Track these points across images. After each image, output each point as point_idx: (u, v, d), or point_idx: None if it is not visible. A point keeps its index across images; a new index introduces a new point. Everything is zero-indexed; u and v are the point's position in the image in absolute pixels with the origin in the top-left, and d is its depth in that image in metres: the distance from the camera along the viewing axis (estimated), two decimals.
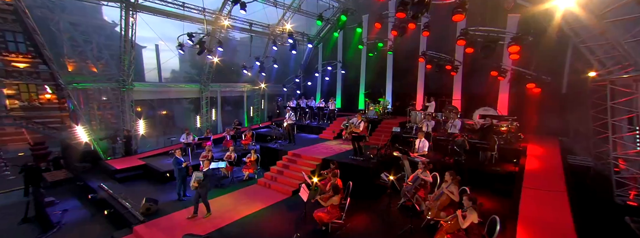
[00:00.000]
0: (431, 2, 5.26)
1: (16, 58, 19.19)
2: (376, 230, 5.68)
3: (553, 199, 5.90)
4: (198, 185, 6.60)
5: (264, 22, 14.59)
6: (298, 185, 8.59)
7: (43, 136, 19.48)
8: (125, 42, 11.20)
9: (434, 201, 5.53)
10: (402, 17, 6.79)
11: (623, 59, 7.75)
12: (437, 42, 12.82)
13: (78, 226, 7.31)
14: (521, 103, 11.62)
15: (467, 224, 4.23)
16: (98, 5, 23.27)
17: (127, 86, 11.79)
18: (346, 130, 11.41)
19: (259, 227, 6.45)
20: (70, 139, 12.01)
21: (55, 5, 18.49)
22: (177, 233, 6.09)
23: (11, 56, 19.08)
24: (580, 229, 4.81)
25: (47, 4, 16.82)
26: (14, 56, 19.16)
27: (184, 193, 8.04)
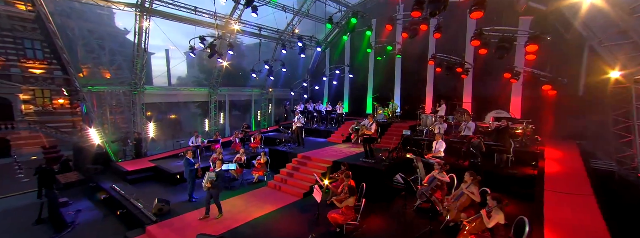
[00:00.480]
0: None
1: (33, 64, 19.89)
2: (393, 232, 5.50)
3: (580, 203, 5.66)
4: (210, 185, 6.53)
5: (273, 26, 14.73)
6: (309, 187, 8.49)
7: (55, 140, 19.90)
8: (138, 46, 11.37)
9: (454, 202, 5.35)
10: (417, 16, 6.75)
11: None
12: (446, 45, 12.73)
13: (91, 226, 7.29)
14: (535, 106, 11.39)
15: (493, 224, 4.06)
16: (111, 13, 24.14)
17: (139, 88, 11.91)
18: (357, 133, 11.36)
19: (271, 229, 6.32)
20: (83, 142, 12.14)
21: (73, 12, 19.10)
22: (189, 233, 6.02)
23: (29, 62, 19.77)
24: (615, 235, 4.57)
25: (67, 11, 17.34)
26: (31, 63, 19.85)
27: (192, 195, 7.95)
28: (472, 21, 12.59)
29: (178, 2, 11.10)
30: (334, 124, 14.99)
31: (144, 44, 11.35)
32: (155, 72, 23.31)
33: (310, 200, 7.80)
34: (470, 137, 8.19)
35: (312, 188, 8.17)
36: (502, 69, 10.96)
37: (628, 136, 9.39)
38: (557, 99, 10.60)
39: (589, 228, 4.87)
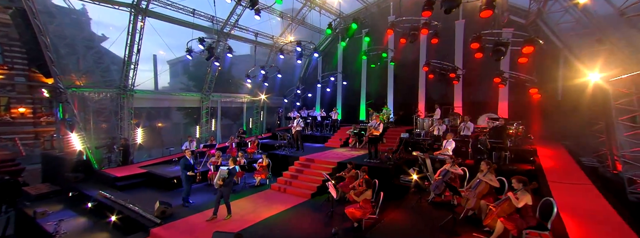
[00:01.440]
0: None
1: None
2: (415, 223, 5.45)
3: (584, 191, 5.97)
4: (222, 182, 6.21)
5: (268, 32, 14.86)
6: (316, 188, 8.32)
7: (12, 153, 17.82)
8: (130, 48, 10.98)
9: (472, 191, 5.44)
10: (428, 15, 7.12)
11: (621, 62, 8.37)
12: (437, 52, 13.42)
13: (79, 235, 6.57)
14: (521, 110, 12.11)
15: (522, 204, 4.15)
16: (87, 19, 23.14)
17: (129, 91, 11.36)
18: (360, 136, 11.45)
19: (286, 227, 6.05)
20: (58, 150, 11.17)
21: (43, 16, 18.08)
22: (199, 234, 5.63)
23: None
24: (623, 215, 4.84)
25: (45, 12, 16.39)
26: None
27: (187, 199, 7.48)
28: (460, 30, 13.48)
29: (176, 3, 10.95)
30: (329, 130, 15.01)
31: (138, 46, 10.97)
32: (139, 79, 22.31)
33: (319, 200, 7.65)
34: (475, 135, 8.47)
35: (320, 189, 8.11)
36: (490, 75, 11.71)
37: (601, 137, 10.34)
38: (541, 102, 11.38)
39: (602, 212, 5.13)
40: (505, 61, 12.12)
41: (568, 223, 4.71)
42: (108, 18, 20.45)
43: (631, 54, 7.97)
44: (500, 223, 4.35)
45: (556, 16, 9.37)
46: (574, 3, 8.76)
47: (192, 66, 27.11)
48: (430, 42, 13.69)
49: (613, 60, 8.61)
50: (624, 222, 4.71)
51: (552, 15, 9.39)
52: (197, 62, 26.46)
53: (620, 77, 8.51)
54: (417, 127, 12.13)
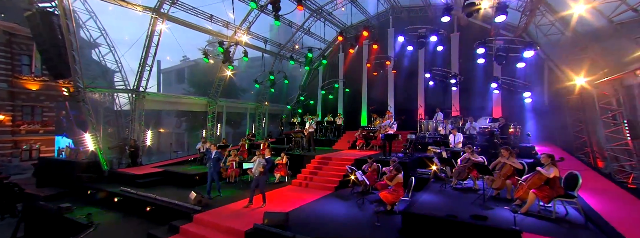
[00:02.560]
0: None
1: None
2: (447, 202, 5.91)
3: (589, 175, 6.72)
4: (263, 169, 6.46)
5: (275, 40, 15.47)
6: (338, 182, 8.64)
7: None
8: (147, 50, 11.18)
9: (497, 173, 6.04)
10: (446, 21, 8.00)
11: (602, 68, 9.62)
12: (435, 61, 14.51)
13: (114, 225, 6.50)
14: (514, 114, 13.20)
15: (553, 175, 4.77)
16: (77, 26, 22.87)
17: (143, 93, 11.42)
18: (372, 135, 11.98)
19: (324, 211, 6.36)
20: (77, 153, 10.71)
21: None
22: (243, 218, 5.80)
23: None
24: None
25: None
26: None
27: (209, 193, 7.55)
28: (455, 41, 14.72)
29: (196, 9, 11.39)
30: (333, 135, 15.48)
31: (155, 48, 11.19)
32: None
33: (345, 191, 7.98)
34: (490, 131, 9.20)
35: (342, 183, 8.46)
36: (484, 82, 12.82)
37: (583, 137, 11.59)
38: (531, 106, 12.53)
39: (615, 191, 5.88)
40: (497, 69, 13.38)
41: (585, 197, 5.40)
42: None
43: (610, 61, 9.21)
44: (532, 194, 4.93)
45: (545, 29, 10.67)
46: (558, 17, 10.10)
47: (188, 74, 27.17)
48: (428, 52, 14.90)
49: (595, 66, 9.88)
50: (636, 198, 5.44)
51: (542, 28, 10.65)
52: (195, 69, 26.80)
53: (601, 81, 9.75)
54: (422, 130, 12.85)
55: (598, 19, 7.78)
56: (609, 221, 4.36)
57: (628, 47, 8.25)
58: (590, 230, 4.41)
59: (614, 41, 8.78)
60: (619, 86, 9.48)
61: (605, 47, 9.38)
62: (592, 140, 11.36)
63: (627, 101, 9.30)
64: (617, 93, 9.62)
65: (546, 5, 10.08)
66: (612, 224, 4.25)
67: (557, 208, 4.95)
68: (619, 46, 8.67)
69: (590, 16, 8.12)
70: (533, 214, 5.01)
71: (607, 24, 7.72)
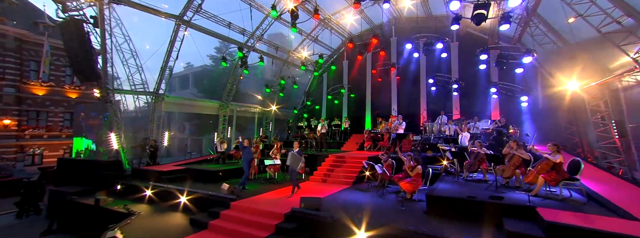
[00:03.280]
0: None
1: None
2: (462, 190, 6.53)
3: (589, 169, 7.46)
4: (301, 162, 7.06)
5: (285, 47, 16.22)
6: (355, 178, 9.21)
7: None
8: (168, 55, 11.75)
9: (507, 163, 6.74)
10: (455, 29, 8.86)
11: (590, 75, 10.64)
12: (436, 66, 15.45)
13: (152, 215, 6.89)
14: (511, 117, 14.09)
15: (560, 160, 5.48)
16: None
17: (164, 95, 11.90)
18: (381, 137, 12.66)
19: (350, 199, 6.93)
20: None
21: (47, 30, 18.22)
22: (277, 204, 6.31)
23: None
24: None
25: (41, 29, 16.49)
26: None
27: (244, 185, 8.05)
28: (455, 50, 15.73)
29: (216, 16, 12.09)
30: (340, 138, 16.11)
31: (177, 53, 11.78)
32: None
33: (362, 185, 8.55)
34: (498, 130, 9.96)
35: (359, 178, 9.05)
36: (482, 87, 13.74)
37: (575, 139, 12.54)
38: (528, 109, 13.45)
39: (610, 178, 6.63)
40: (495, 75, 14.39)
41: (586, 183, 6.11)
42: None
43: (598, 67, 10.22)
44: (541, 178, 5.62)
45: (538, 38, 11.71)
46: (550, 28, 11.17)
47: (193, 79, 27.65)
48: (429, 60, 15.88)
49: (585, 72, 10.89)
50: (630, 183, 6.18)
51: (536, 37, 11.68)
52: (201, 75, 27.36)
53: (591, 85, 10.75)
54: (427, 132, 13.60)
55: (587, 30, 8.74)
56: (610, 199, 5.06)
57: (614, 55, 9.25)
58: (593, 206, 5.10)
59: (601, 49, 9.80)
60: (606, 90, 10.48)
61: (593, 55, 10.42)
62: (583, 141, 12.29)
63: (613, 104, 10.27)
64: (605, 96, 10.61)
65: (539, 17, 11.16)
66: (612, 201, 4.95)
67: (563, 192, 5.65)
68: (605, 53, 9.67)
69: (580, 27, 9.12)
70: (541, 196, 5.69)
71: (595, 34, 8.69)
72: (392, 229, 4.82)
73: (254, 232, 5.38)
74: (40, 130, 18.73)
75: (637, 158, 9.32)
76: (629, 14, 7.93)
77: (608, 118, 10.59)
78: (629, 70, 8.92)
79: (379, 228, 4.87)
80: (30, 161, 18.72)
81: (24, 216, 9.19)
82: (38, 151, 18.74)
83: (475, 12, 6.59)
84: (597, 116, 10.99)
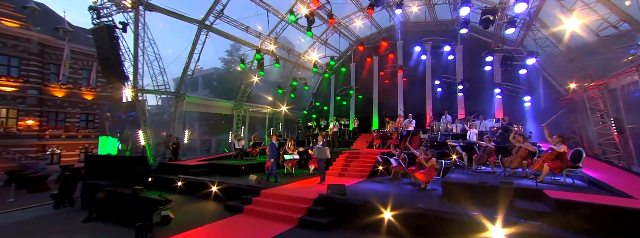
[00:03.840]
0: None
1: (6, 82, 17.77)
2: (475, 179, 7.11)
3: (591, 161, 8.05)
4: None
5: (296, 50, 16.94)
6: (369, 172, 9.78)
7: (17, 165, 17.16)
8: (190, 57, 12.44)
9: (514, 155, 7.34)
10: (465, 32, 9.55)
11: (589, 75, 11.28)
12: (441, 68, 16.11)
13: (185, 203, 7.48)
14: (514, 116, 14.70)
15: (563, 150, 6.07)
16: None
17: (184, 95, 12.55)
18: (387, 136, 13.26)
19: (369, 189, 7.50)
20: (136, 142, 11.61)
21: (67, 35, 19.05)
22: (304, 192, 6.89)
23: (1, 79, 17.63)
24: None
25: (61, 34, 17.31)
26: (4, 80, 17.75)
27: (276, 177, 8.66)
28: (459, 53, 16.41)
29: (235, 21, 12.81)
30: (349, 137, 16.71)
31: (198, 56, 12.48)
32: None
33: (377, 178, 9.13)
34: (505, 127, 10.56)
35: (373, 172, 9.62)
36: (486, 88, 14.38)
37: (575, 137, 13.14)
38: (530, 109, 14.07)
39: (609, 168, 7.20)
40: (498, 76, 15.05)
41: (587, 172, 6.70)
42: None
43: (597, 69, 10.88)
44: (546, 166, 6.21)
45: (540, 42, 12.38)
46: (551, 32, 11.84)
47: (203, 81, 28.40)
48: (434, 62, 16.55)
49: (584, 73, 11.54)
50: (629, 172, 6.76)
51: (538, 41, 12.35)
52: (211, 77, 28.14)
53: (590, 86, 11.38)
54: (433, 130, 14.20)
55: (587, 34, 9.41)
56: (608, 183, 5.65)
57: (611, 57, 9.89)
58: (594, 190, 5.67)
59: (599, 52, 10.46)
60: (604, 90, 11.10)
61: (592, 57, 11.08)
62: (584, 138, 12.86)
63: (612, 102, 10.88)
64: (604, 96, 11.22)
65: (540, 22, 11.84)
66: (610, 184, 5.53)
67: (566, 179, 6.23)
68: (604, 56, 10.33)
69: (579, 31, 9.78)
70: (546, 183, 6.26)
71: (594, 37, 9.36)
72: (413, 209, 5.40)
73: (287, 213, 5.97)
74: (59, 130, 19.40)
75: (635, 153, 9.88)
76: (624, 19, 8.60)
77: (607, 116, 11.18)
78: (625, 71, 9.55)
79: (400, 208, 5.46)
80: (49, 160, 19.38)
81: (61, 207, 9.76)
82: (57, 150, 19.36)
83: (483, 17, 7.25)
84: (596, 114, 11.58)
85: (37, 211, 9.09)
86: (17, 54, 17.53)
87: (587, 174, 6.39)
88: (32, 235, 6.86)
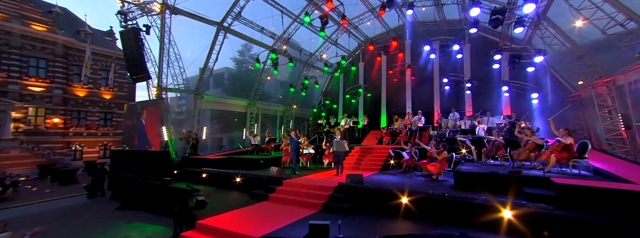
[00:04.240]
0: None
1: (34, 82, 19.01)
2: (488, 172, 7.50)
3: (594, 152, 8.38)
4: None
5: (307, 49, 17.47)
6: (382, 165, 10.24)
7: (46, 160, 18.12)
8: (208, 57, 13.05)
9: (522, 148, 7.72)
10: (473, 32, 9.94)
11: (595, 72, 11.53)
12: (448, 67, 16.45)
13: (213, 193, 8.04)
14: (521, 113, 14.96)
15: (570, 142, 6.45)
16: (114, 39, 24.93)
17: (203, 93, 13.17)
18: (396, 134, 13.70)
19: (383, 179, 7.95)
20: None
21: (87, 37, 19.97)
22: (323, 182, 7.39)
23: (31, 80, 18.92)
24: None
25: (82, 37, 18.22)
26: (34, 80, 18.99)
27: (294, 170, 9.18)
28: (467, 52, 16.72)
29: (252, 22, 13.39)
30: (359, 134, 17.15)
31: (216, 56, 13.08)
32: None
33: (389, 171, 9.58)
34: (512, 123, 10.92)
35: (385, 166, 10.07)
36: (493, 86, 14.68)
37: (584, 133, 13.36)
38: (537, 106, 14.33)
39: (615, 160, 7.53)
40: (505, 74, 15.33)
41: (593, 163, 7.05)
42: None
43: (604, 66, 11.14)
44: (553, 157, 6.59)
45: (548, 40, 12.66)
46: (559, 31, 12.12)
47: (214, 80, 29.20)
48: (442, 60, 16.88)
49: (592, 71, 11.80)
50: (633, 163, 7.09)
51: (545, 39, 12.64)
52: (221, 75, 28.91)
53: (598, 82, 11.64)
54: (442, 127, 14.56)
55: (594, 32, 9.71)
56: (612, 171, 6.01)
57: (619, 55, 10.16)
58: (599, 178, 6.04)
59: (607, 49, 10.73)
60: (612, 86, 11.34)
61: (600, 54, 11.35)
62: (592, 134, 13.09)
63: (619, 98, 11.12)
64: (612, 92, 11.46)
65: (548, 20, 12.13)
66: (614, 173, 5.90)
67: (573, 170, 6.60)
68: (611, 53, 10.60)
69: (587, 29, 10.08)
70: (553, 173, 6.64)
71: (601, 36, 9.65)
72: (427, 195, 5.86)
73: (311, 200, 6.48)
74: (81, 128, 20.33)
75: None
76: (631, 18, 8.90)
77: (614, 112, 11.42)
78: (632, 68, 9.81)
79: (415, 194, 5.91)
80: (73, 156, 20.35)
81: (94, 197, 10.47)
82: (79, 147, 20.27)
83: (492, 17, 7.64)
84: (604, 110, 11.82)
85: (73, 201, 9.80)
86: (45, 56, 18.52)
87: (593, 164, 6.75)
88: (76, 220, 7.51)
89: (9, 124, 18.03)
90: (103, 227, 6.96)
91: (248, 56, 27.18)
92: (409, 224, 5.37)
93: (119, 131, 22.27)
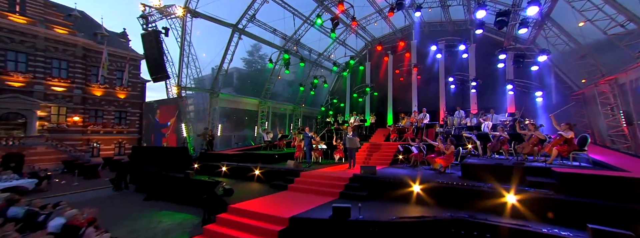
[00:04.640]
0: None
1: (57, 82, 19.82)
2: (493, 163, 7.97)
3: (594, 147, 8.80)
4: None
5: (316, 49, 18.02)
6: (391, 160, 10.74)
7: (69, 157, 19.00)
8: (224, 58, 13.66)
9: (526, 142, 8.18)
10: (479, 32, 10.41)
11: (598, 71, 11.92)
12: (453, 66, 16.88)
13: (234, 182, 8.61)
14: (526, 111, 15.35)
15: (571, 136, 6.90)
16: (127, 41, 25.72)
17: (219, 92, 13.78)
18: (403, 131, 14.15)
19: (392, 172, 8.45)
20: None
21: (104, 39, 20.78)
22: (339, 174, 7.92)
23: (54, 80, 19.75)
24: None
25: (99, 39, 19.02)
26: (57, 81, 19.79)
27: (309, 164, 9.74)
28: (472, 51, 17.12)
29: (265, 24, 13.98)
30: (366, 132, 17.64)
31: (231, 56, 13.69)
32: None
33: (398, 165, 10.07)
34: (515, 120, 11.35)
35: (394, 160, 10.57)
36: (498, 85, 15.09)
37: (587, 130, 13.70)
38: (541, 104, 14.71)
39: (614, 153, 7.94)
40: (510, 73, 15.73)
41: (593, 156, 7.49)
42: None
43: (607, 64, 11.53)
44: (555, 150, 7.04)
45: (552, 40, 13.06)
46: (562, 31, 12.52)
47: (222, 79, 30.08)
48: (447, 60, 17.32)
49: (595, 69, 12.19)
50: (632, 156, 7.52)
51: (549, 39, 13.04)
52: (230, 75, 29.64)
53: (600, 80, 12.03)
54: (448, 125, 15.01)
55: (596, 32, 10.12)
56: (610, 162, 6.46)
57: (620, 54, 10.55)
58: (597, 169, 6.49)
59: (609, 49, 11.12)
60: (614, 84, 11.71)
61: (602, 53, 11.74)
62: (595, 131, 13.45)
63: (621, 96, 11.49)
64: (614, 90, 11.83)
65: (552, 21, 12.54)
66: (612, 164, 6.35)
67: (573, 163, 7.05)
68: (613, 52, 10.99)
69: (589, 30, 10.50)
70: (555, 165, 7.10)
71: (603, 36, 10.06)
72: (437, 183, 6.37)
73: (328, 189, 7.02)
74: (98, 126, 21.13)
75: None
76: (631, 19, 9.31)
77: (617, 109, 11.79)
78: (633, 66, 10.20)
79: (426, 183, 6.42)
80: (92, 153, 21.19)
81: (120, 189, 11.13)
82: (97, 144, 21.08)
83: (498, 18, 8.12)
84: (606, 107, 12.20)
85: (101, 193, 10.45)
86: (66, 57, 19.38)
87: (592, 157, 7.19)
88: (111, 208, 8.13)
89: (35, 122, 18.94)
90: (136, 214, 7.58)
91: (257, 56, 27.89)
92: (421, 209, 5.88)
93: (132, 129, 23.07)
